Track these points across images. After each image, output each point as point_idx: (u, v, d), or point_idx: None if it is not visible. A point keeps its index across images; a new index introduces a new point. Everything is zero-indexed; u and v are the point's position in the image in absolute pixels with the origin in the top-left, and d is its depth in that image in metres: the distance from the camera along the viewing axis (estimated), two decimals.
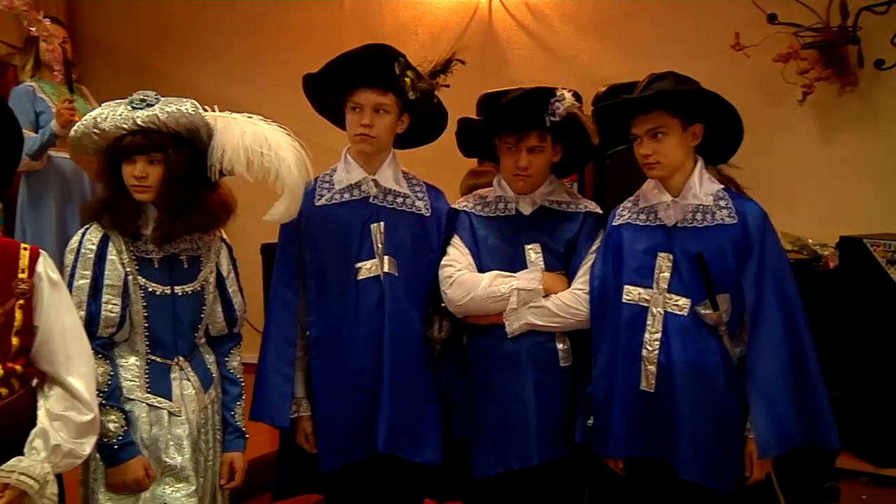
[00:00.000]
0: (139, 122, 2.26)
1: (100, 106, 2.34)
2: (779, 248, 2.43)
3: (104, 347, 2.29)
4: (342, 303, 2.56)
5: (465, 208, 2.71)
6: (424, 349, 2.61)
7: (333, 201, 2.61)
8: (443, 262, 2.63)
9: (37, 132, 4.24)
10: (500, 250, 2.62)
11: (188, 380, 2.40)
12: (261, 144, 2.34)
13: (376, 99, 2.52)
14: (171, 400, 2.36)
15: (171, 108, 2.28)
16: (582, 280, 2.56)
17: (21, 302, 2.05)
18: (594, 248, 2.60)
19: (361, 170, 2.61)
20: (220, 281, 2.49)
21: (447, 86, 2.68)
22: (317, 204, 2.60)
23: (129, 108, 2.29)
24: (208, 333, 2.51)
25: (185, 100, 2.33)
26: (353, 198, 2.61)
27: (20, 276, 2.06)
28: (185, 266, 2.40)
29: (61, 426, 2.05)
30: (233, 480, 2.50)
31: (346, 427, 2.56)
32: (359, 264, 2.57)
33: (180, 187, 2.29)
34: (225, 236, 2.52)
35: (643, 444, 2.43)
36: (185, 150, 2.30)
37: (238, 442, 2.52)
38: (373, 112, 2.52)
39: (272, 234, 2.68)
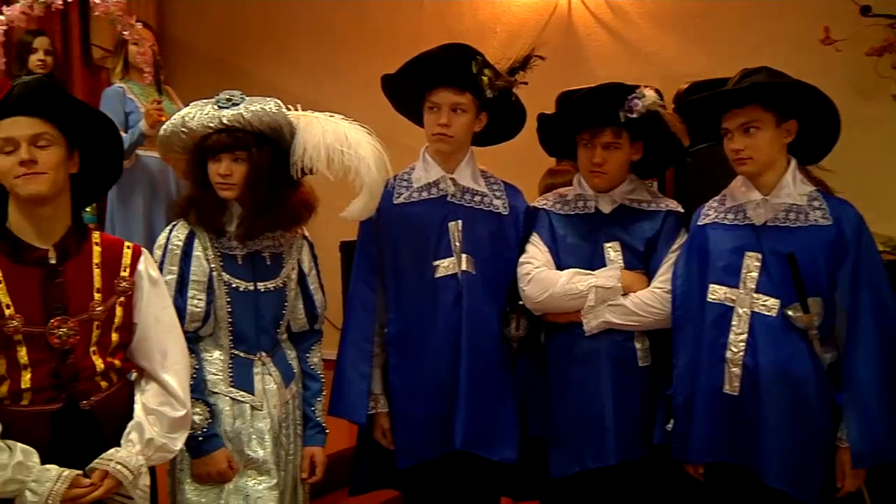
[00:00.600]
0: (225, 121, 2.31)
1: (186, 106, 2.41)
2: (875, 253, 2.35)
3: (189, 342, 2.32)
4: (420, 301, 2.58)
5: (544, 206, 2.70)
6: (502, 347, 2.61)
7: (411, 200, 2.63)
8: (521, 260, 2.62)
9: (126, 132, 4.39)
10: (578, 248, 2.60)
11: (270, 375, 2.44)
12: (341, 143, 2.36)
13: (453, 98, 2.52)
14: (253, 394, 2.40)
15: (255, 107, 2.33)
16: (662, 279, 2.52)
17: (122, 299, 2.13)
18: (675, 247, 2.55)
19: (439, 168, 2.63)
20: (302, 278, 2.51)
21: (525, 83, 2.66)
22: (395, 202, 2.62)
23: (215, 107, 2.34)
24: (290, 329, 2.55)
25: (269, 99, 2.37)
26: (431, 196, 2.63)
27: (122, 274, 2.15)
28: (268, 263, 2.44)
29: (155, 420, 2.12)
30: (314, 475, 2.53)
31: (423, 424, 2.57)
32: (436, 262, 2.58)
33: (264, 185, 2.32)
34: (307, 234, 2.55)
35: (725, 449, 2.37)
36: (269, 148, 2.34)
37: (318, 437, 2.54)
38: (450, 111, 2.53)
39: (351, 231, 2.71)
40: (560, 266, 2.59)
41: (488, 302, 2.60)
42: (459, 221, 2.61)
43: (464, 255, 2.58)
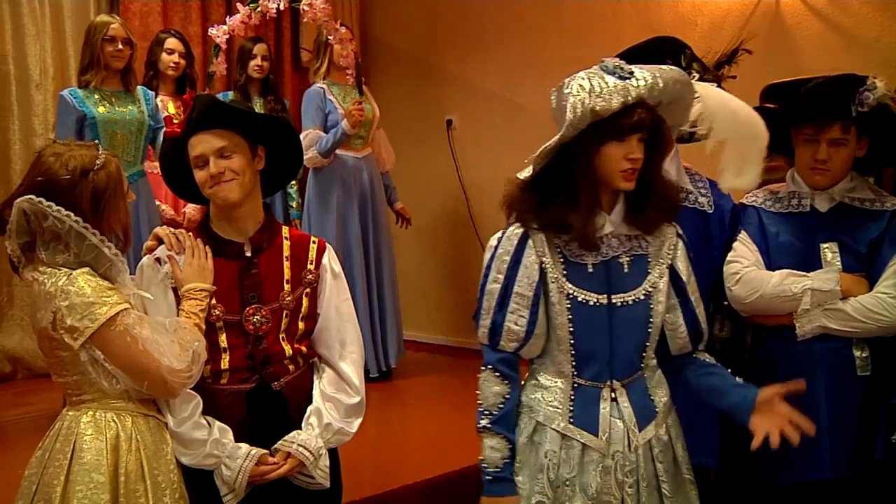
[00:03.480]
0: (639, 94, 1.89)
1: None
2: None
3: (506, 364, 2.02)
4: None
5: (754, 203, 2.61)
6: (708, 347, 2.53)
7: None
8: (728, 259, 2.54)
9: (325, 131, 4.61)
10: (791, 248, 2.49)
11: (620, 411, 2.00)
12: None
13: None
14: (595, 434, 1.98)
15: (667, 75, 1.94)
16: (888, 283, 2.37)
17: (308, 290, 2.29)
18: None
19: None
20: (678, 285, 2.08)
21: (733, 77, 2.58)
22: None
23: (615, 79, 1.90)
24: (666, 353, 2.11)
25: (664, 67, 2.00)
26: None
27: (308, 267, 2.30)
28: (626, 270, 2.02)
29: (332, 407, 2.27)
30: None
31: None
32: None
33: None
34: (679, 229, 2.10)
35: None
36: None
37: None
38: None
39: None
40: (770, 266, 2.49)
41: None
42: None
43: None
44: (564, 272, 1.97)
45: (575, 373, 2.00)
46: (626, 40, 2.55)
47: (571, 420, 1.98)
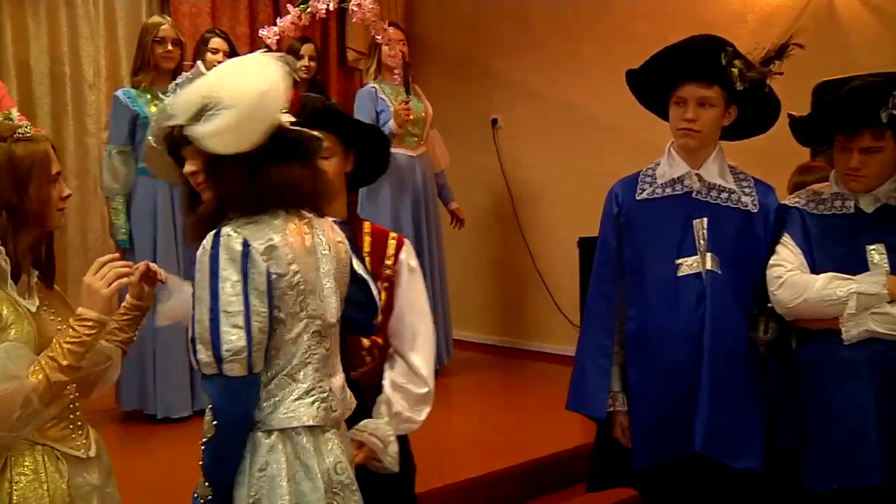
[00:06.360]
0: None
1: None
2: None
3: None
4: (660, 299, 2.53)
5: (796, 204, 2.55)
6: (748, 351, 2.51)
7: (655, 196, 2.58)
8: (771, 262, 2.49)
9: None
10: (836, 250, 2.44)
11: None
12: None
13: (700, 92, 2.45)
14: None
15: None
16: None
17: (386, 285, 2.37)
18: None
19: (685, 164, 2.56)
20: None
21: (780, 73, 2.53)
22: (638, 198, 2.59)
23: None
24: None
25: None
26: (676, 192, 2.57)
27: (387, 262, 2.38)
28: None
29: (401, 396, 2.34)
30: None
31: (660, 425, 2.53)
32: (679, 260, 2.52)
33: None
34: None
35: None
36: None
37: None
38: (696, 106, 2.46)
39: (591, 228, 2.71)
40: (814, 269, 2.44)
41: (735, 303, 2.50)
42: (704, 219, 2.53)
43: (708, 254, 2.50)
44: None
45: None
46: (672, 36, 2.52)
47: None
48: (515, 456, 3.59)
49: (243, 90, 1.78)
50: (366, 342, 2.33)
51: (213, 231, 1.79)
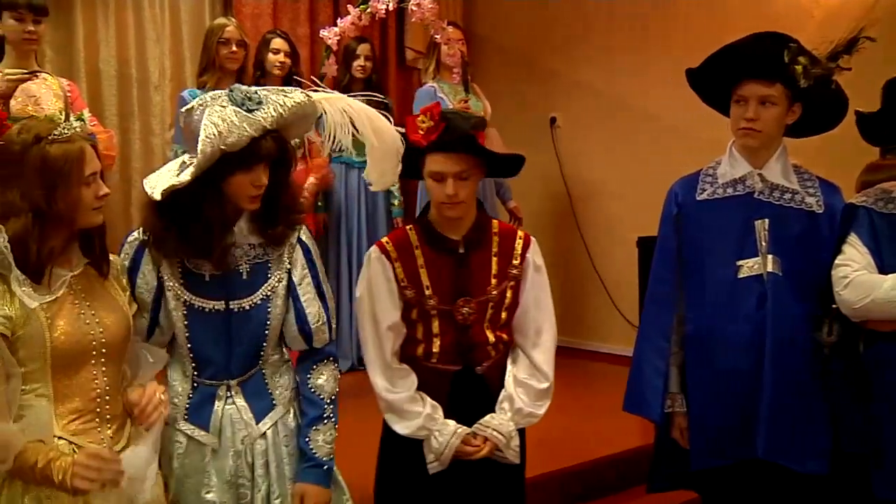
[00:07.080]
0: (267, 125, 2.04)
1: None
2: None
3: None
4: (720, 300, 2.49)
5: (864, 203, 2.49)
6: (812, 353, 2.46)
7: (716, 196, 2.55)
8: (837, 261, 2.44)
9: None
10: None
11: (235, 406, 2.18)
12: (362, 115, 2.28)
13: (762, 91, 2.41)
14: (206, 430, 2.16)
15: (290, 102, 2.08)
16: None
17: (512, 283, 2.47)
18: None
19: (747, 164, 2.52)
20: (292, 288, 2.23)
21: (849, 69, 2.46)
22: (699, 198, 2.56)
23: (240, 110, 2.02)
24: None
25: (287, 89, 2.15)
26: (737, 193, 2.53)
27: (513, 262, 2.47)
28: (245, 277, 2.17)
29: (523, 392, 2.44)
30: None
31: (720, 427, 2.50)
32: (740, 262, 2.49)
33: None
34: (304, 235, 2.26)
35: None
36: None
37: (311, 472, 2.19)
38: (758, 105, 2.42)
39: (650, 227, 2.68)
40: (883, 270, 2.38)
41: (797, 305, 2.46)
42: (766, 220, 2.49)
43: (770, 256, 2.46)
44: (182, 281, 2.12)
45: (195, 374, 2.17)
46: (736, 32, 2.48)
47: (186, 417, 2.16)
48: (574, 456, 3.59)
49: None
50: (491, 338, 2.43)
51: None
